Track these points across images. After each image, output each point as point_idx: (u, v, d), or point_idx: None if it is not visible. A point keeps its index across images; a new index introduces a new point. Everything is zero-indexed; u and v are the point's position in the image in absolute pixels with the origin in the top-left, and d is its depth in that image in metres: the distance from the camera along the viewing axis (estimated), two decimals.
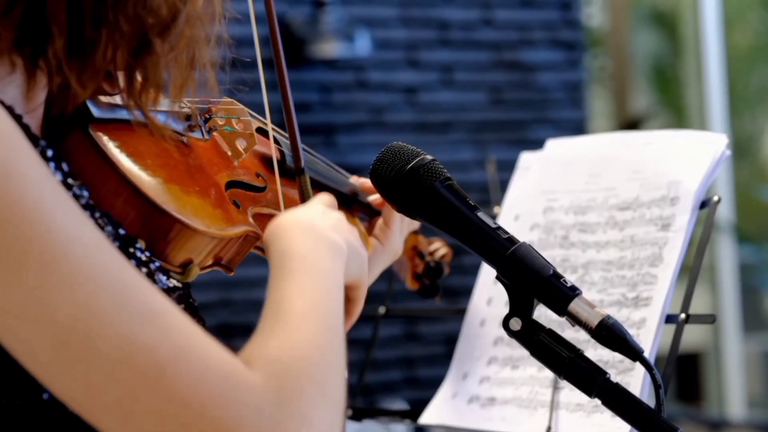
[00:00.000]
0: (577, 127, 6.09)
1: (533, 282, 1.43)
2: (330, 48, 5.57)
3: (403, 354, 5.72)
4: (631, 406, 1.42)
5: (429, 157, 1.50)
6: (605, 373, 1.43)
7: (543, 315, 1.53)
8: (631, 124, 6.94)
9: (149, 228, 1.31)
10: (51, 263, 1.07)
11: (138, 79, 1.29)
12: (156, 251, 1.32)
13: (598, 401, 1.44)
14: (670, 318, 1.82)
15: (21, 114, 1.21)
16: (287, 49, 5.63)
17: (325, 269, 1.29)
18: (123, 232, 1.28)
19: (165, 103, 1.38)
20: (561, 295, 1.43)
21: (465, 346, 2.00)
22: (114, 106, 1.34)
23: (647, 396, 1.76)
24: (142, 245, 1.29)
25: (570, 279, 1.56)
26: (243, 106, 1.58)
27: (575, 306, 1.43)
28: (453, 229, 1.49)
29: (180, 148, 1.42)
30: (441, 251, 1.99)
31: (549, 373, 1.81)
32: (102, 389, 1.08)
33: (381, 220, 1.84)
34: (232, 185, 1.49)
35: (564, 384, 1.81)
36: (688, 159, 1.91)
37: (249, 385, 1.13)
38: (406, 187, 1.49)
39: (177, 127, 1.44)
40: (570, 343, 1.44)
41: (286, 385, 1.15)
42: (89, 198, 1.24)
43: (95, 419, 1.11)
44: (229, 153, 1.53)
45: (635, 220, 1.92)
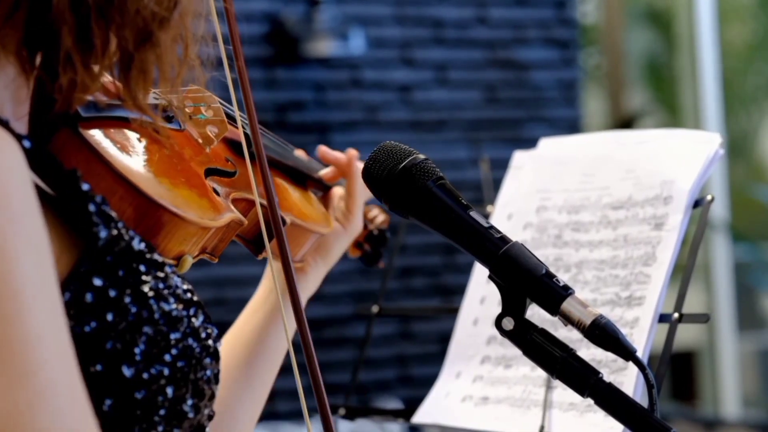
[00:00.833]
0: (572, 126, 6.09)
1: (526, 281, 1.43)
2: (324, 46, 5.57)
3: (398, 352, 5.72)
4: (624, 405, 1.41)
5: (421, 157, 1.50)
6: (598, 373, 1.42)
7: (536, 314, 1.53)
8: (626, 122, 6.95)
9: (145, 223, 1.30)
10: (10, 358, 1.05)
11: (134, 77, 1.28)
12: (151, 245, 1.32)
13: (591, 401, 1.43)
14: (663, 317, 1.82)
15: (8, 119, 1.21)
16: (282, 48, 5.66)
17: None
18: (145, 243, 1.28)
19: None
20: (553, 295, 1.43)
21: (458, 345, 1.99)
22: (96, 104, 1.34)
23: (640, 395, 1.75)
24: (155, 249, 1.29)
25: (563, 278, 1.56)
26: (210, 92, 1.58)
27: (568, 305, 1.42)
28: (445, 229, 1.48)
29: (160, 141, 1.42)
30: (380, 218, 1.99)
31: (542, 373, 1.80)
32: None
33: (338, 200, 1.86)
34: (209, 173, 1.49)
35: (557, 383, 1.81)
36: (681, 158, 1.91)
37: None
38: (398, 187, 1.48)
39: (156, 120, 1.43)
40: (563, 343, 1.44)
41: None
42: (118, 217, 1.25)
43: None
44: (200, 141, 1.53)
45: (628, 219, 1.92)
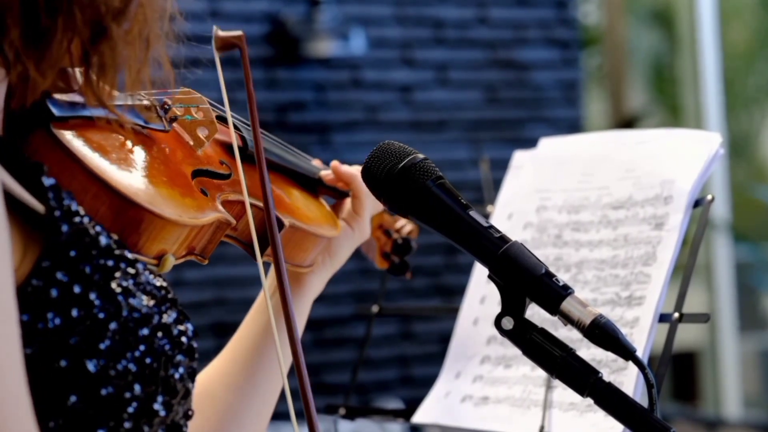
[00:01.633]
0: (573, 126, 6.09)
1: (525, 281, 1.43)
2: (325, 47, 5.57)
3: (398, 353, 5.72)
4: (624, 405, 1.41)
5: (421, 156, 1.50)
6: (597, 373, 1.42)
7: (536, 314, 1.53)
8: (627, 122, 6.94)
9: (121, 221, 1.30)
10: None
11: (95, 67, 1.27)
12: (129, 244, 1.31)
13: (591, 401, 1.43)
14: (663, 317, 1.81)
15: None
16: (282, 48, 5.65)
17: None
18: (114, 238, 1.27)
19: (122, 97, 1.37)
20: (553, 294, 1.42)
21: (458, 345, 1.99)
22: (73, 103, 1.33)
23: (640, 395, 1.75)
24: (124, 245, 1.28)
25: (563, 278, 1.56)
26: (201, 95, 1.58)
27: (567, 305, 1.42)
28: (445, 228, 1.48)
29: (142, 140, 1.42)
30: (407, 228, 1.98)
31: (542, 372, 1.80)
32: None
33: (349, 206, 1.84)
34: (198, 174, 1.49)
35: (557, 383, 1.80)
36: (681, 158, 1.91)
37: None
38: (397, 186, 1.48)
39: (137, 120, 1.43)
40: (562, 343, 1.44)
41: None
42: (84, 214, 1.24)
43: None
44: (191, 142, 1.53)
45: (628, 219, 1.92)
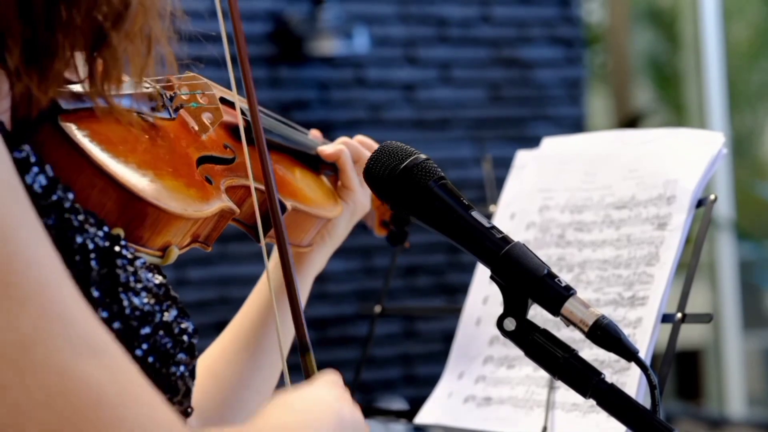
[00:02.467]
0: (576, 124, 6.09)
1: (527, 282, 1.43)
2: (328, 45, 5.57)
3: (402, 351, 5.72)
4: (626, 407, 1.41)
5: (423, 156, 1.49)
6: (600, 374, 1.42)
7: (539, 314, 1.52)
8: (631, 120, 6.93)
9: (127, 216, 1.29)
10: (6, 284, 1.02)
11: (98, 69, 1.26)
12: (135, 238, 1.31)
13: (593, 401, 1.43)
14: (666, 317, 1.81)
15: None
16: (286, 47, 5.65)
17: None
18: (107, 230, 1.27)
19: (128, 86, 1.36)
20: (555, 295, 1.42)
21: (461, 345, 1.99)
22: (79, 95, 1.32)
23: (643, 396, 1.75)
24: (121, 234, 1.28)
25: (566, 278, 1.55)
26: (206, 79, 1.57)
27: (570, 306, 1.42)
28: (447, 229, 1.48)
29: (148, 130, 1.41)
30: None
31: (545, 373, 1.80)
32: (32, 418, 1.03)
33: (340, 181, 1.85)
34: (203, 161, 1.48)
35: (560, 384, 1.80)
36: (684, 158, 1.90)
37: None
38: (399, 187, 1.48)
39: (142, 109, 1.42)
40: (565, 344, 1.43)
41: None
42: (74, 201, 1.23)
43: None
44: (196, 128, 1.52)
45: (631, 218, 1.91)
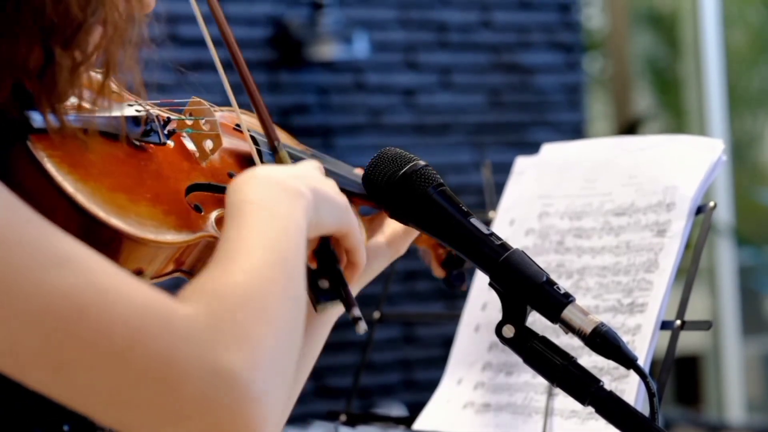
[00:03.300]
0: (576, 130, 6.08)
1: (526, 289, 1.43)
2: (328, 50, 5.57)
3: (401, 357, 5.71)
4: (625, 414, 1.41)
5: (422, 163, 1.49)
6: (598, 381, 1.42)
7: (538, 321, 1.52)
8: (631, 126, 6.93)
9: (91, 240, 1.26)
10: None
11: (55, 83, 1.26)
12: None
13: (592, 409, 1.43)
14: (665, 324, 1.81)
15: None
16: (285, 51, 5.65)
17: (281, 212, 1.28)
18: None
19: (118, 107, 1.35)
20: (554, 302, 1.42)
21: (459, 351, 1.99)
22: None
23: (642, 403, 1.75)
24: None
25: (565, 285, 1.55)
26: (210, 104, 1.54)
27: (568, 313, 1.42)
28: (446, 235, 1.48)
29: (134, 153, 1.38)
30: None
31: (543, 380, 1.80)
32: (27, 343, 1.06)
33: (386, 222, 1.74)
34: (194, 188, 1.44)
35: (558, 391, 1.80)
36: (684, 164, 1.90)
37: (178, 317, 1.11)
38: (398, 193, 1.48)
39: (132, 131, 1.39)
40: (563, 351, 1.43)
41: (216, 310, 1.13)
42: None
43: (27, 376, 1.08)
44: (197, 155, 1.49)
45: (631, 225, 1.91)
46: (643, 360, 1.76)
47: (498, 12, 6.06)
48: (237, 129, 1.56)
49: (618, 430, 1.41)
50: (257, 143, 1.56)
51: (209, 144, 1.50)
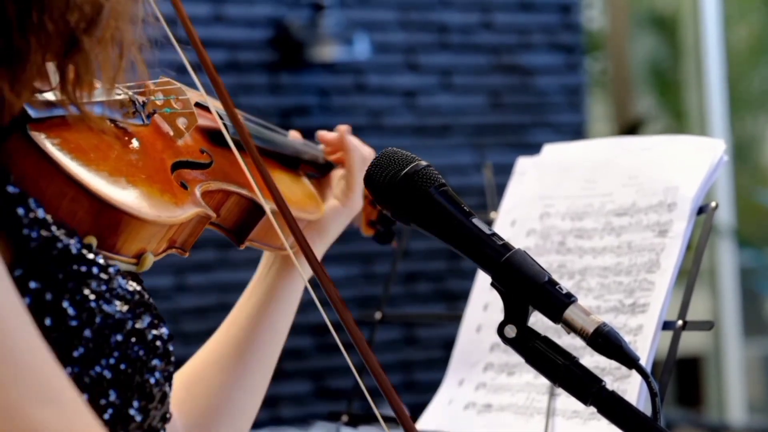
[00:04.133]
0: (577, 131, 6.08)
1: (528, 289, 1.42)
2: (329, 51, 5.56)
3: (402, 358, 5.71)
4: (627, 414, 1.41)
5: (423, 163, 1.49)
6: (600, 381, 1.42)
7: (540, 321, 1.52)
8: (631, 127, 6.93)
9: (99, 224, 1.29)
10: None
11: (70, 75, 1.27)
12: (108, 246, 1.31)
13: (594, 409, 1.43)
14: (667, 324, 1.81)
15: None
16: (286, 53, 5.65)
17: None
18: (80, 239, 1.27)
19: (99, 93, 1.36)
20: (556, 303, 1.42)
21: (461, 352, 1.99)
22: (50, 103, 1.32)
23: (644, 403, 1.75)
24: (93, 243, 1.28)
25: (566, 285, 1.55)
26: (180, 84, 1.56)
27: (570, 313, 1.42)
28: (447, 236, 1.48)
29: (121, 137, 1.40)
30: None
31: (545, 380, 1.80)
32: None
33: (337, 182, 1.85)
34: (177, 166, 1.47)
35: (560, 391, 1.80)
36: (685, 165, 1.90)
37: None
38: (400, 193, 1.48)
39: (115, 116, 1.41)
40: (565, 351, 1.43)
41: None
42: (46, 213, 1.24)
43: None
44: (172, 133, 1.51)
45: (632, 226, 1.91)
46: (645, 360, 1.76)
47: (499, 13, 6.06)
48: (199, 106, 1.58)
49: (620, 430, 1.41)
50: (222, 117, 1.59)
51: (183, 122, 1.53)
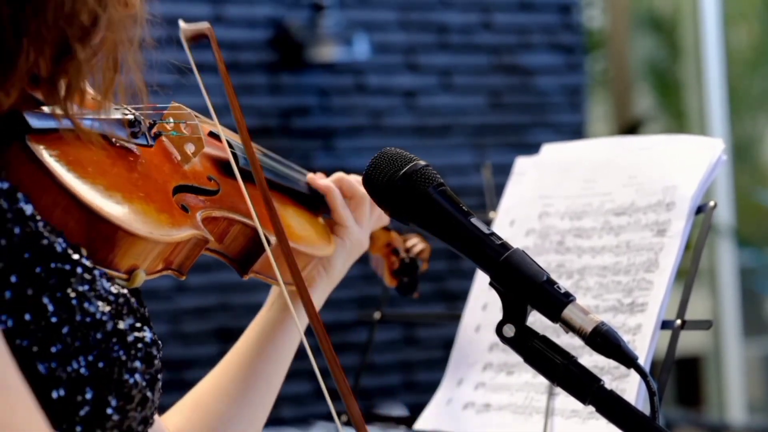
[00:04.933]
0: (577, 131, 6.08)
1: (526, 288, 1.43)
2: (329, 52, 5.57)
3: (402, 358, 5.71)
4: (625, 413, 1.41)
5: (422, 163, 1.49)
6: (599, 380, 1.42)
7: (539, 320, 1.52)
8: (631, 127, 6.93)
9: (90, 236, 1.31)
10: None
11: (62, 87, 1.29)
12: (99, 258, 1.32)
13: (593, 408, 1.43)
14: (666, 324, 1.81)
15: None
16: (286, 53, 5.65)
17: None
18: (72, 243, 1.28)
19: (107, 111, 1.38)
20: (554, 302, 1.42)
21: (460, 351, 1.99)
22: (52, 116, 1.34)
23: (642, 402, 1.75)
24: (83, 253, 1.29)
25: (565, 284, 1.55)
26: (191, 110, 1.58)
27: (569, 312, 1.42)
28: (446, 235, 1.48)
29: (124, 155, 1.43)
30: (418, 247, 1.97)
31: (544, 380, 1.80)
32: None
33: (332, 218, 1.83)
34: (180, 189, 1.49)
35: (559, 390, 1.80)
36: (684, 164, 1.90)
37: None
38: (399, 193, 1.48)
39: (119, 134, 1.43)
40: (564, 350, 1.43)
41: None
42: (34, 209, 1.25)
43: None
44: (179, 158, 1.53)
45: (631, 225, 1.91)
46: (644, 359, 1.76)
47: (498, 13, 6.06)
48: (211, 135, 1.61)
49: (619, 429, 1.41)
50: (232, 147, 1.61)
51: (191, 147, 1.55)
